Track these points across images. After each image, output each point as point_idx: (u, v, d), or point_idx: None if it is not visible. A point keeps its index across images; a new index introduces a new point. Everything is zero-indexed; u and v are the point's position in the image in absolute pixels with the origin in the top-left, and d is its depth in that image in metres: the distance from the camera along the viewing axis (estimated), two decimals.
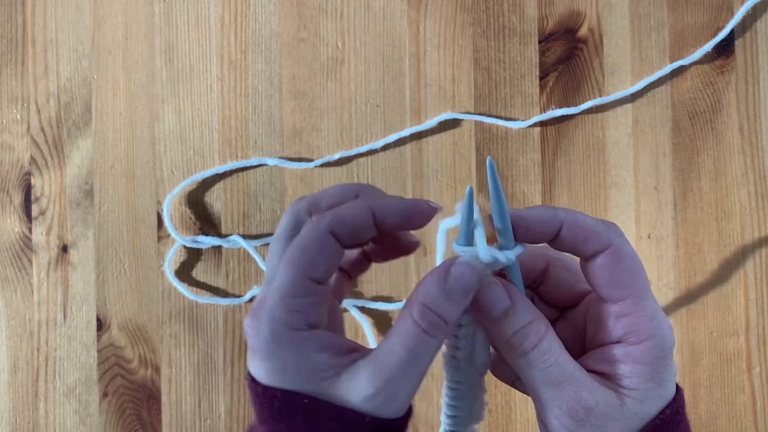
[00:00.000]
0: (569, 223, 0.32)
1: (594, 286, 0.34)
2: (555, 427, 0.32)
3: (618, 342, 0.33)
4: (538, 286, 0.36)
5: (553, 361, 0.32)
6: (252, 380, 0.32)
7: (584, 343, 0.35)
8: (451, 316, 0.31)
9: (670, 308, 0.60)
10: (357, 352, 0.32)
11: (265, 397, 0.31)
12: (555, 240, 0.33)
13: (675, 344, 0.34)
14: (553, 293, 0.36)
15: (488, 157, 0.33)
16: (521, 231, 0.33)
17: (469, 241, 0.33)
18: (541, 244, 0.34)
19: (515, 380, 0.36)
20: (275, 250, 0.33)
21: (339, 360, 0.31)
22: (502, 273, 0.35)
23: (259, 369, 0.32)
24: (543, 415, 0.33)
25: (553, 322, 0.36)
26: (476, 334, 0.34)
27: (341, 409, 0.31)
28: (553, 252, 0.36)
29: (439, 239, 0.36)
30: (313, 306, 0.31)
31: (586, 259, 0.33)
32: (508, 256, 0.33)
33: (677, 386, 0.34)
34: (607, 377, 0.33)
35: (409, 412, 0.33)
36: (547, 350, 0.32)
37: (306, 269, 0.31)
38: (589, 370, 0.33)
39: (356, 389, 0.31)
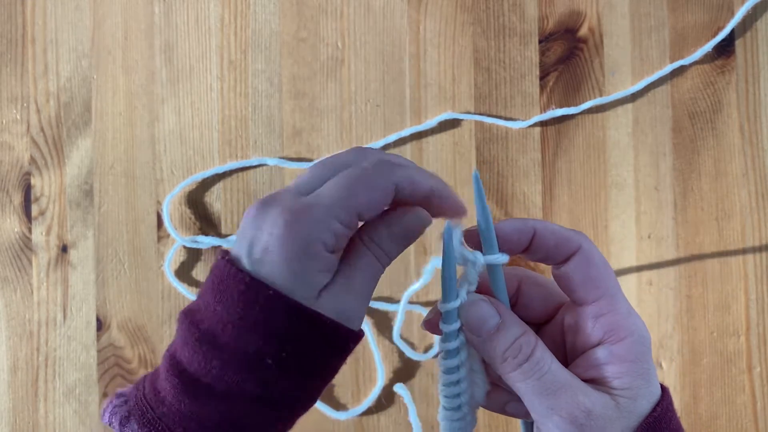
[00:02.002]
0: (540, 229, 0.34)
1: (568, 291, 0.35)
2: None
3: (599, 344, 0.34)
4: (513, 306, 0.37)
5: (546, 369, 0.33)
6: (227, 258, 0.32)
7: (565, 355, 0.36)
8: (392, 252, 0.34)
9: (670, 308, 0.60)
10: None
11: (235, 279, 0.31)
12: (529, 248, 0.34)
13: (651, 342, 0.35)
14: (528, 310, 0.37)
15: (474, 170, 0.35)
16: (499, 241, 0.34)
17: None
18: (512, 266, 0.36)
19: (505, 404, 0.36)
20: (322, 174, 0.33)
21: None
22: (485, 291, 0.35)
23: (260, 258, 0.31)
24: (543, 426, 0.33)
25: None
26: (473, 369, 0.35)
27: (302, 308, 0.31)
28: (523, 271, 0.37)
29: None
30: (347, 237, 0.32)
31: (558, 264, 0.34)
32: (498, 259, 0.34)
33: (661, 385, 0.35)
34: (597, 382, 0.33)
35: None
36: (540, 359, 0.33)
37: (364, 207, 0.32)
38: None
39: (330, 307, 0.32)
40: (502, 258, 0.34)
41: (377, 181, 0.32)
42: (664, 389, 0.34)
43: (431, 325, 0.35)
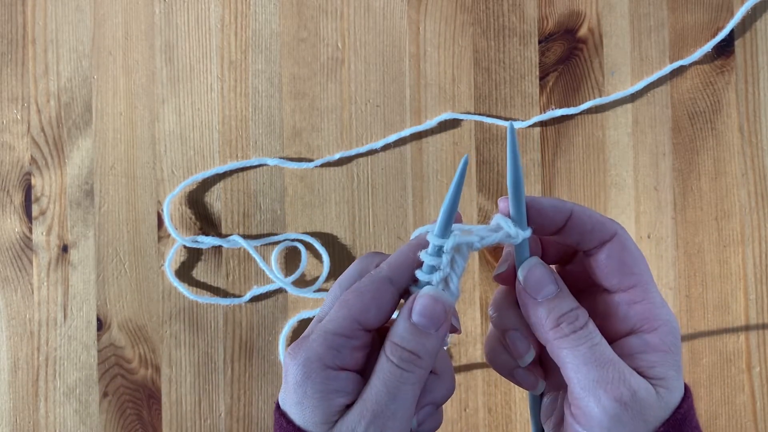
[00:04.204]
0: (578, 212, 0.33)
1: (602, 278, 0.34)
2: (592, 411, 0.31)
3: (632, 332, 0.33)
4: (567, 264, 0.37)
5: (599, 340, 0.32)
6: (277, 407, 0.34)
7: None
8: (424, 350, 0.32)
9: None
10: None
11: (281, 426, 0.33)
12: (563, 229, 0.34)
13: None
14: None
15: (509, 123, 0.34)
16: (534, 214, 0.33)
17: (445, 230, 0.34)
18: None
19: (513, 369, 0.36)
20: (333, 293, 0.34)
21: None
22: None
23: (284, 399, 0.33)
24: (581, 400, 0.32)
25: None
26: (455, 264, 0.34)
27: None
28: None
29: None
30: (353, 350, 0.32)
31: (591, 250, 0.34)
32: (520, 232, 0.33)
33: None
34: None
35: None
36: (593, 330, 0.32)
37: (357, 312, 0.32)
38: None
39: (348, 428, 0.32)
40: (527, 232, 0.33)
41: (364, 282, 0.33)
42: (686, 385, 0.34)
43: (502, 278, 0.35)
